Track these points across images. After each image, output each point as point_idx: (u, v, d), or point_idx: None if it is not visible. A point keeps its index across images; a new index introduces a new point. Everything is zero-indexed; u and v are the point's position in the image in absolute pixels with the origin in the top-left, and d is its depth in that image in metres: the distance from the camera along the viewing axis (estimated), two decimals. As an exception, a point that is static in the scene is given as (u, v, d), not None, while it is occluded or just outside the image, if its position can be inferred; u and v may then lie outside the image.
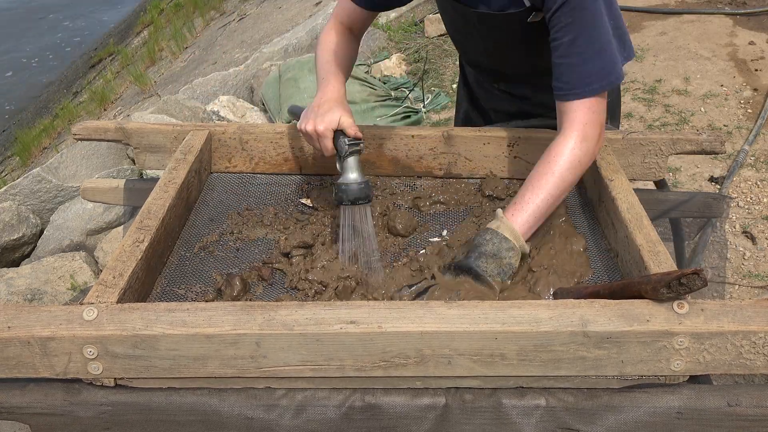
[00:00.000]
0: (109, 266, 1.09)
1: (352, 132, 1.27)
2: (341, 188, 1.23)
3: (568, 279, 1.21)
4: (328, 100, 1.32)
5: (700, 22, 4.81)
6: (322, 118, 1.27)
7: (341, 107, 1.31)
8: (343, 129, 1.27)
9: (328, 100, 1.32)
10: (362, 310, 0.98)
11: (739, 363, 0.97)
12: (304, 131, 1.30)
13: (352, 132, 1.27)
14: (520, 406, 0.99)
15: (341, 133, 1.27)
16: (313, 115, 1.30)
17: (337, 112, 1.28)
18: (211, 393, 1.00)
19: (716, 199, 1.58)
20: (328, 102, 1.31)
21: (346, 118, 1.28)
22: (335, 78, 1.39)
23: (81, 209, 3.48)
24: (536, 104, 1.61)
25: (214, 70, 5.38)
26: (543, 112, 1.55)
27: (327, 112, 1.28)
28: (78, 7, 10.37)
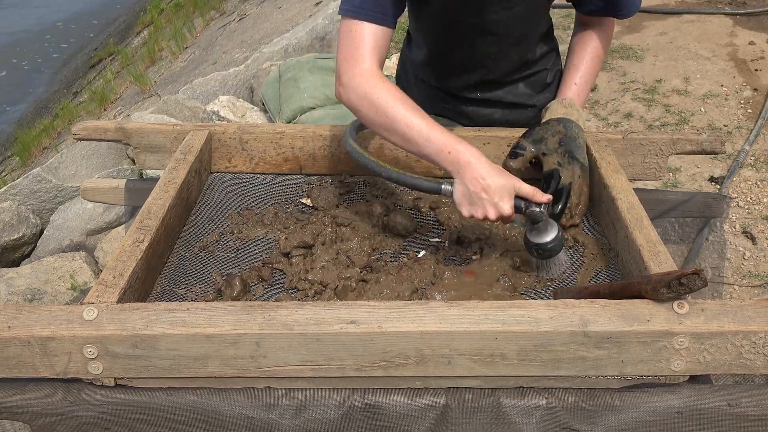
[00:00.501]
0: (109, 266, 1.09)
1: (540, 198, 1.20)
2: (548, 247, 1.20)
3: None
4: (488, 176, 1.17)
5: (700, 22, 4.81)
6: (503, 201, 1.17)
7: (505, 176, 1.19)
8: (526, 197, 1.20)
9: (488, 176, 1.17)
10: (362, 310, 0.98)
11: (740, 363, 0.97)
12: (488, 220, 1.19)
13: (540, 198, 1.20)
14: (520, 406, 0.99)
15: (521, 199, 1.20)
16: (489, 202, 1.17)
17: (507, 184, 1.17)
18: (211, 393, 1.00)
19: (716, 199, 1.58)
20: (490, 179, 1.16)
21: (519, 186, 1.19)
22: (462, 146, 1.19)
23: (81, 209, 3.48)
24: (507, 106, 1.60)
25: (214, 70, 5.37)
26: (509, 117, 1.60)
27: (500, 192, 1.17)
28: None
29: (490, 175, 1.17)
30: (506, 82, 1.58)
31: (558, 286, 1.22)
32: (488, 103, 1.60)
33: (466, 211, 1.20)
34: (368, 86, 1.23)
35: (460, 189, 1.19)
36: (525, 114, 1.61)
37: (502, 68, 1.55)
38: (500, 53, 1.51)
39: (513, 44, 1.49)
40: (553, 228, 1.20)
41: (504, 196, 1.17)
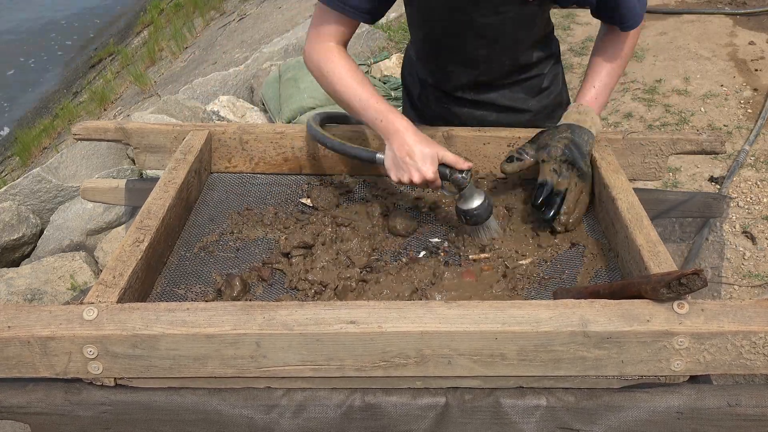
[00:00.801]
0: (109, 266, 1.09)
1: (462, 165, 1.28)
2: (474, 213, 1.29)
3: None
4: (414, 144, 1.27)
5: (700, 22, 4.81)
6: (425, 166, 1.26)
7: (431, 144, 1.28)
8: (448, 165, 1.28)
9: (415, 144, 1.27)
10: (362, 310, 0.98)
11: (740, 363, 0.98)
12: (411, 184, 1.29)
13: (462, 165, 1.28)
14: (519, 406, 0.99)
15: (445, 166, 1.28)
16: (412, 166, 1.26)
17: (432, 151, 1.27)
18: (211, 393, 1.00)
19: (716, 199, 1.59)
20: (416, 146, 1.26)
21: (443, 153, 1.27)
22: (394, 116, 1.30)
23: (81, 209, 3.48)
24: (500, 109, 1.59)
25: (214, 70, 5.37)
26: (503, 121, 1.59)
27: (424, 157, 1.26)
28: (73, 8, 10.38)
29: (415, 142, 1.27)
30: (499, 85, 1.57)
31: (558, 287, 1.22)
32: (481, 105, 1.60)
33: (393, 176, 1.30)
34: (323, 60, 1.39)
35: (390, 155, 1.30)
36: (519, 118, 1.60)
37: (494, 71, 1.54)
38: (491, 56, 1.49)
39: (505, 48, 1.48)
40: (479, 195, 1.29)
41: (427, 161, 1.26)
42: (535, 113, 1.60)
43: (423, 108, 1.71)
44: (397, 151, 1.28)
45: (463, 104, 1.61)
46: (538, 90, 1.60)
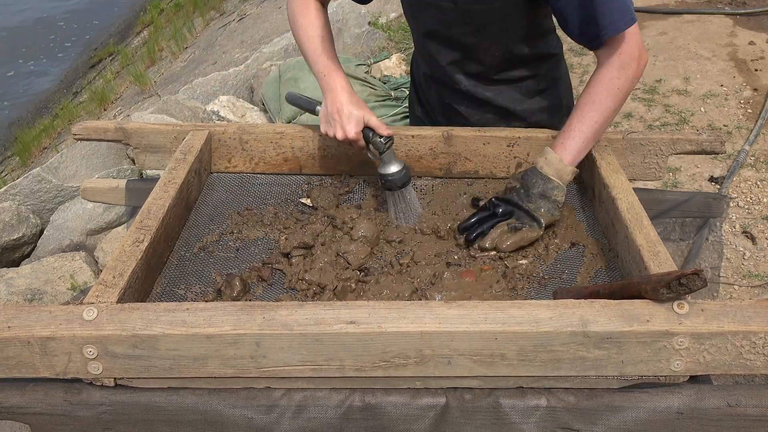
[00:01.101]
0: (109, 266, 1.09)
1: (383, 131, 1.37)
2: (388, 179, 1.37)
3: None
4: (345, 103, 1.37)
5: (700, 22, 4.81)
6: (350, 124, 1.36)
7: (361, 107, 1.37)
8: (371, 127, 1.37)
9: (346, 103, 1.37)
10: (362, 310, 0.98)
11: (739, 363, 0.97)
12: (335, 138, 1.38)
13: (383, 131, 1.37)
14: (519, 406, 0.99)
15: (369, 129, 1.38)
16: (338, 122, 1.37)
17: (360, 113, 1.36)
18: (211, 393, 1.00)
19: (716, 199, 1.58)
20: (346, 105, 1.37)
21: (370, 118, 1.37)
22: (337, 75, 1.41)
23: (81, 209, 3.48)
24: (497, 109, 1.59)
25: (214, 70, 5.37)
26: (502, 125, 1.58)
27: (350, 116, 1.36)
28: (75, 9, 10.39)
29: (346, 102, 1.37)
30: (493, 81, 1.56)
31: (558, 287, 1.22)
32: (479, 103, 1.59)
33: (322, 128, 1.41)
34: (300, 11, 1.50)
35: (323, 109, 1.41)
36: (515, 124, 1.60)
37: (484, 62, 1.52)
38: (479, 45, 1.48)
39: (493, 38, 1.46)
40: (398, 164, 1.38)
41: (352, 120, 1.36)
42: (531, 115, 1.60)
43: (428, 104, 1.72)
44: (330, 106, 1.39)
45: (462, 99, 1.60)
46: (534, 92, 1.59)
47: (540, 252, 1.31)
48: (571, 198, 1.47)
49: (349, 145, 1.41)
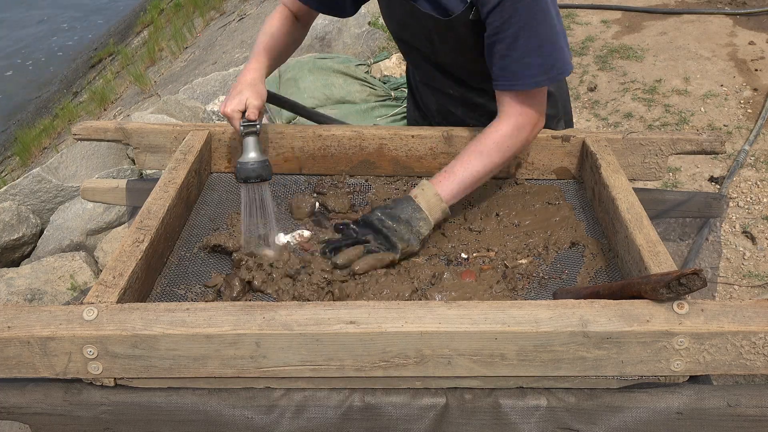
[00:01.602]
0: (109, 266, 1.09)
1: (248, 114, 1.34)
2: (237, 167, 1.31)
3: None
4: (241, 82, 1.39)
5: (700, 22, 4.81)
6: (231, 101, 1.35)
7: (250, 89, 1.37)
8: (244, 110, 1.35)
9: (241, 82, 1.39)
10: (362, 310, 0.98)
11: (739, 363, 0.97)
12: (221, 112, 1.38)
13: (249, 114, 1.34)
14: (519, 406, 0.99)
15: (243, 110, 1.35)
16: (228, 96, 1.38)
17: (246, 94, 1.36)
18: (210, 393, 1.00)
19: (716, 199, 1.58)
20: (240, 84, 1.39)
21: (252, 101, 1.35)
22: (256, 59, 1.46)
23: (81, 209, 3.48)
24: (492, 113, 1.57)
25: (214, 70, 5.37)
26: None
27: (237, 94, 1.36)
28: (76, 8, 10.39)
29: (243, 81, 1.39)
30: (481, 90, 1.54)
31: (558, 287, 1.22)
32: (473, 107, 1.59)
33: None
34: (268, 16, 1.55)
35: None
36: None
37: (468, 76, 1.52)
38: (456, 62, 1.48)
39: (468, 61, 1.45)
40: (255, 154, 1.31)
41: (235, 98, 1.35)
42: None
43: (425, 107, 1.72)
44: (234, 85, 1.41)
45: (456, 103, 1.60)
46: None
47: (540, 252, 1.31)
48: (571, 198, 1.48)
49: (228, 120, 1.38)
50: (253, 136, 1.32)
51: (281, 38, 1.52)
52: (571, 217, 1.41)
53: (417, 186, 1.33)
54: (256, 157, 1.30)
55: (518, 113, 1.32)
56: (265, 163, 1.31)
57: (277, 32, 1.52)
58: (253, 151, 1.31)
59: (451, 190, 1.31)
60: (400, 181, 1.55)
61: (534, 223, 1.40)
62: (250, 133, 1.32)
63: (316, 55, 4.09)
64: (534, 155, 1.52)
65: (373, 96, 3.92)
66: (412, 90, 1.78)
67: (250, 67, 1.44)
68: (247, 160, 1.30)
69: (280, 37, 1.52)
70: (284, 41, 1.53)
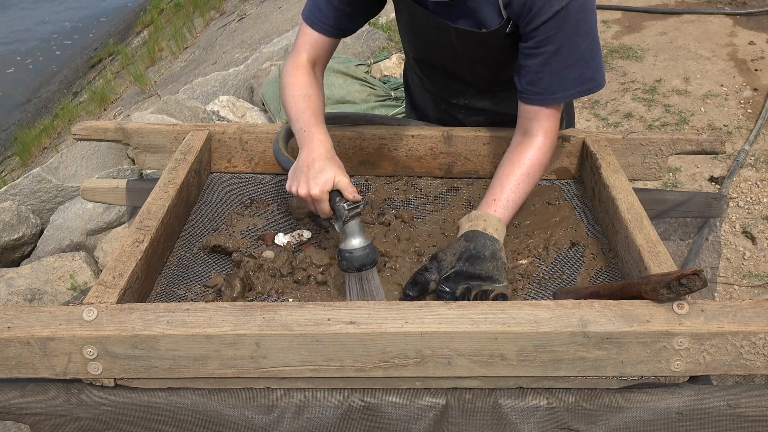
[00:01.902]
0: (109, 266, 1.09)
1: (350, 194, 1.18)
2: (346, 256, 1.15)
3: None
4: (318, 158, 1.20)
5: (700, 22, 4.81)
6: (316, 181, 1.18)
7: (334, 165, 1.20)
8: (340, 190, 1.19)
9: (318, 158, 1.20)
10: (362, 310, 0.98)
11: (739, 363, 0.97)
12: (297, 195, 1.21)
13: (350, 194, 1.18)
14: (520, 407, 0.99)
15: (338, 193, 1.18)
16: (304, 177, 1.19)
17: (331, 171, 1.19)
18: (211, 393, 1.00)
19: (716, 199, 1.58)
20: (318, 160, 1.20)
21: (341, 178, 1.19)
22: (318, 130, 1.27)
23: (81, 209, 3.48)
24: (494, 114, 1.58)
25: (214, 70, 5.37)
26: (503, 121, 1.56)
27: (319, 172, 1.18)
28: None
29: (320, 157, 1.21)
30: (491, 94, 1.55)
31: (558, 287, 1.22)
32: (477, 111, 1.59)
33: (288, 184, 1.23)
34: (286, 73, 1.40)
35: (294, 164, 1.25)
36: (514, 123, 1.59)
37: (481, 83, 1.52)
38: (473, 71, 1.48)
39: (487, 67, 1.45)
40: (361, 239, 1.16)
41: (320, 179, 1.18)
42: None
43: (423, 110, 1.72)
44: (302, 160, 1.22)
45: (459, 110, 1.60)
46: None
47: (540, 252, 1.31)
48: (571, 198, 1.48)
49: (311, 207, 1.22)
50: (357, 219, 1.17)
51: (315, 93, 1.36)
52: (571, 217, 1.41)
53: (476, 217, 1.25)
54: (364, 242, 1.16)
55: (552, 129, 1.33)
56: (373, 246, 1.17)
57: (311, 92, 1.35)
58: (360, 235, 1.16)
59: (506, 217, 1.28)
60: (400, 181, 1.55)
61: (534, 223, 1.40)
62: (355, 216, 1.17)
63: (316, 55, 4.08)
64: (534, 155, 1.52)
65: (373, 96, 3.92)
66: (410, 93, 1.78)
67: (315, 140, 1.24)
68: (358, 246, 1.15)
69: (317, 96, 1.36)
70: (321, 100, 1.37)
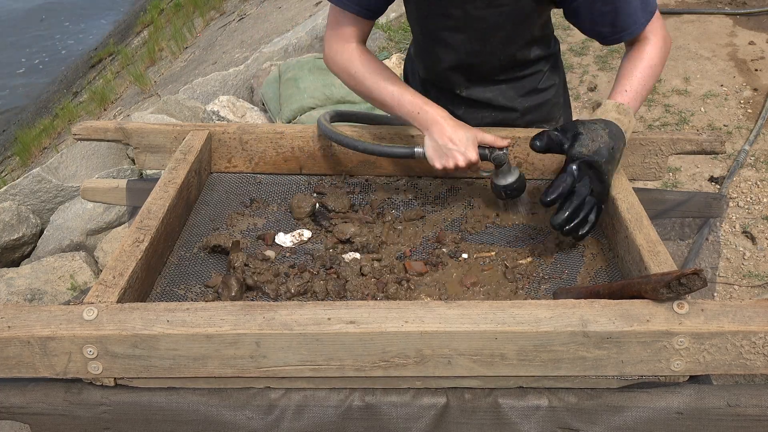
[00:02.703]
0: (109, 266, 1.09)
1: (499, 143, 1.34)
2: (513, 188, 1.38)
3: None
4: (454, 130, 1.32)
5: (700, 22, 4.81)
6: (468, 150, 1.31)
7: (467, 128, 1.33)
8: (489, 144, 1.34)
9: (454, 130, 1.32)
10: (362, 310, 0.98)
11: (739, 363, 0.97)
12: (457, 168, 1.32)
13: (500, 143, 1.34)
14: (520, 406, 0.99)
15: (484, 147, 1.34)
16: (455, 151, 1.31)
17: (471, 134, 1.32)
18: (211, 393, 1.00)
19: (716, 199, 1.58)
20: (456, 132, 1.32)
21: (484, 136, 1.34)
22: (430, 107, 1.35)
23: (81, 209, 3.48)
24: (496, 108, 1.58)
25: (214, 70, 5.38)
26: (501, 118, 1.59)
27: (466, 141, 1.31)
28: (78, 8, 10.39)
29: (454, 128, 1.32)
30: (494, 81, 1.56)
31: (558, 287, 1.22)
32: (479, 104, 1.59)
33: (438, 164, 1.34)
34: (347, 61, 1.43)
35: (431, 144, 1.34)
36: (510, 116, 1.59)
37: (488, 66, 1.52)
38: (485, 50, 1.48)
39: (498, 43, 1.46)
40: (515, 170, 1.38)
41: (469, 145, 1.31)
42: (521, 112, 1.59)
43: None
44: (439, 139, 1.32)
45: (460, 104, 1.60)
46: (532, 90, 1.58)
47: (540, 252, 1.31)
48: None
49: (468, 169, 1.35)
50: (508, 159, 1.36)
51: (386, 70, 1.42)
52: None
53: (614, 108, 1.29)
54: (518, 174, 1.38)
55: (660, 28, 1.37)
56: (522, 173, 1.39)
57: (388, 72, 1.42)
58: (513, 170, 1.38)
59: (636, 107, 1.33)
60: (401, 181, 1.55)
61: (534, 223, 1.40)
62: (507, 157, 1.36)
63: (316, 55, 4.09)
64: (534, 155, 1.52)
65: (373, 96, 3.90)
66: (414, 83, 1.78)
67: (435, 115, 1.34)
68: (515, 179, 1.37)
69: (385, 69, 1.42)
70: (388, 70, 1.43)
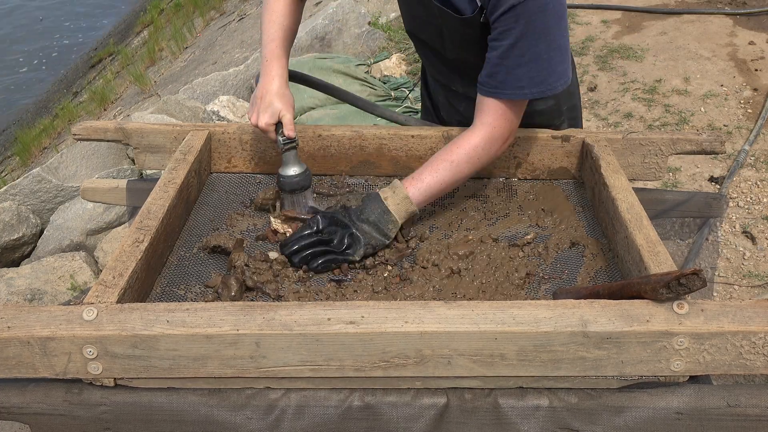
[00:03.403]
0: (109, 266, 1.09)
1: (286, 131, 1.36)
2: (280, 180, 1.38)
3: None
4: (269, 92, 1.37)
5: (700, 22, 4.81)
6: (262, 114, 1.35)
7: (281, 100, 1.36)
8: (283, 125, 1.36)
9: (269, 92, 1.37)
10: (362, 310, 0.98)
11: (739, 363, 0.97)
12: (250, 124, 1.39)
13: (287, 131, 1.36)
14: (520, 406, 0.99)
15: (280, 125, 1.37)
16: (256, 108, 1.37)
17: (277, 105, 1.36)
18: (211, 393, 1.00)
19: (716, 199, 1.58)
20: (269, 95, 1.36)
21: (285, 114, 1.36)
22: (278, 62, 1.40)
23: (81, 209, 3.48)
24: None
25: (214, 70, 5.37)
26: None
27: (268, 106, 1.35)
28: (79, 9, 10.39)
29: (271, 91, 1.37)
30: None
31: (558, 287, 1.22)
32: (470, 101, 1.58)
33: (248, 114, 1.40)
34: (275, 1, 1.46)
35: (254, 94, 1.40)
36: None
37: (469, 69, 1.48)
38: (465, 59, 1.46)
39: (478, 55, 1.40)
40: (297, 167, 1.38)
41: (268, 111, 1.35)
42: (529, 117, 1.58)
43: (435, 97, 1.73)
44: (258, 90, 1.39)
45: (460, 100, 1.60)
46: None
47: (540, 252, 1.31)
48: (571, 198, 1.48)
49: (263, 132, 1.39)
50: (292, 151, 1.38)
51: (291, 26, 1.46)
52: (572, 217, 1.41)
53: (389, 186, 1.33)
54: (298, 170, 1.38)
55: (493, 125, 1.32)
56: (306, 173, 1.39)
57: (283, 19, 1.44)
58: (295, 164, 1.38)
59: (417, 196, 1.31)
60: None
61: (534, 223, 1.40)
62: (290, 149, 1.38)
63: (316, 55, 4.09)
64: (534, 155, 1.52)
65: (373, 96, 3.92)
66: (425, 80, 1.80)
67: (272, 73, 1.39)
68: (291, 174, 1.37)
69: (290, 25, 1.46)
70: (294, 29, 1.47)
